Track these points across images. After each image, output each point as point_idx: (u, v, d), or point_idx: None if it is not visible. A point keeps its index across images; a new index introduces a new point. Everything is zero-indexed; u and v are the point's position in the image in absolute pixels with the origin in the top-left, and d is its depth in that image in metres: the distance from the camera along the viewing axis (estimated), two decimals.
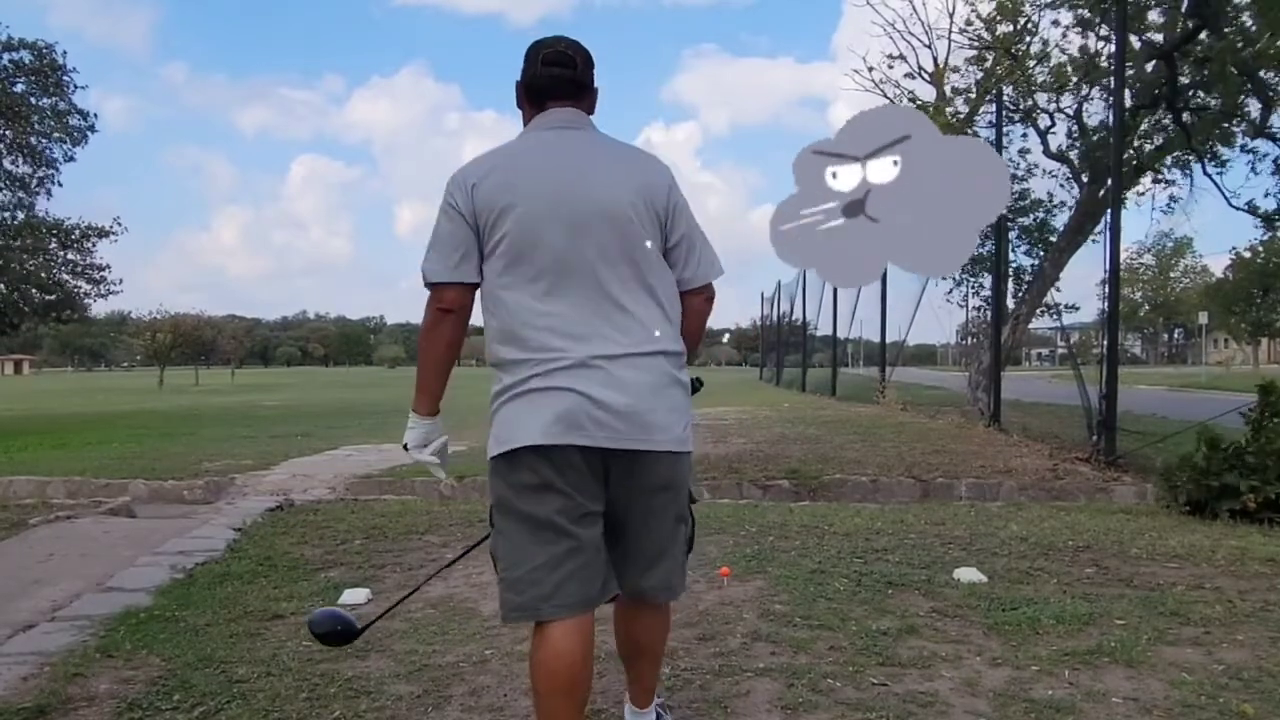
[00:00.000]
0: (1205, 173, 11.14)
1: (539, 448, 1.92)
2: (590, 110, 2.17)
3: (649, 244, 2.03)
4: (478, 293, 2.07)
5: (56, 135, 16.39)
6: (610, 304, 1.99)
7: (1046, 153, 11.66)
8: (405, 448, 2.18)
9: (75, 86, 16.32)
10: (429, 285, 2.04)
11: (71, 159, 16.79)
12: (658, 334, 2.02)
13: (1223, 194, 11.06)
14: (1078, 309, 11.28)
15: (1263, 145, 10.83)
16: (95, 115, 17.05)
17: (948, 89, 12.46)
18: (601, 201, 1.99)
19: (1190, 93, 10.33)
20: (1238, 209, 11.03)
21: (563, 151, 2.06)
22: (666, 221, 2.08)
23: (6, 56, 15.54)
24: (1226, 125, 10.67)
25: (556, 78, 2.12)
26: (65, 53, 15.99)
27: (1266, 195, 10.99)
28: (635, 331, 1.99)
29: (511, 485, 1.98)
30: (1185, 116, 10.38)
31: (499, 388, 2.02)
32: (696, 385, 2.22)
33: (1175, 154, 11.15)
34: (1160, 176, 11.70)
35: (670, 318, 2.07)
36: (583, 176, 2.01)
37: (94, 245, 17.06)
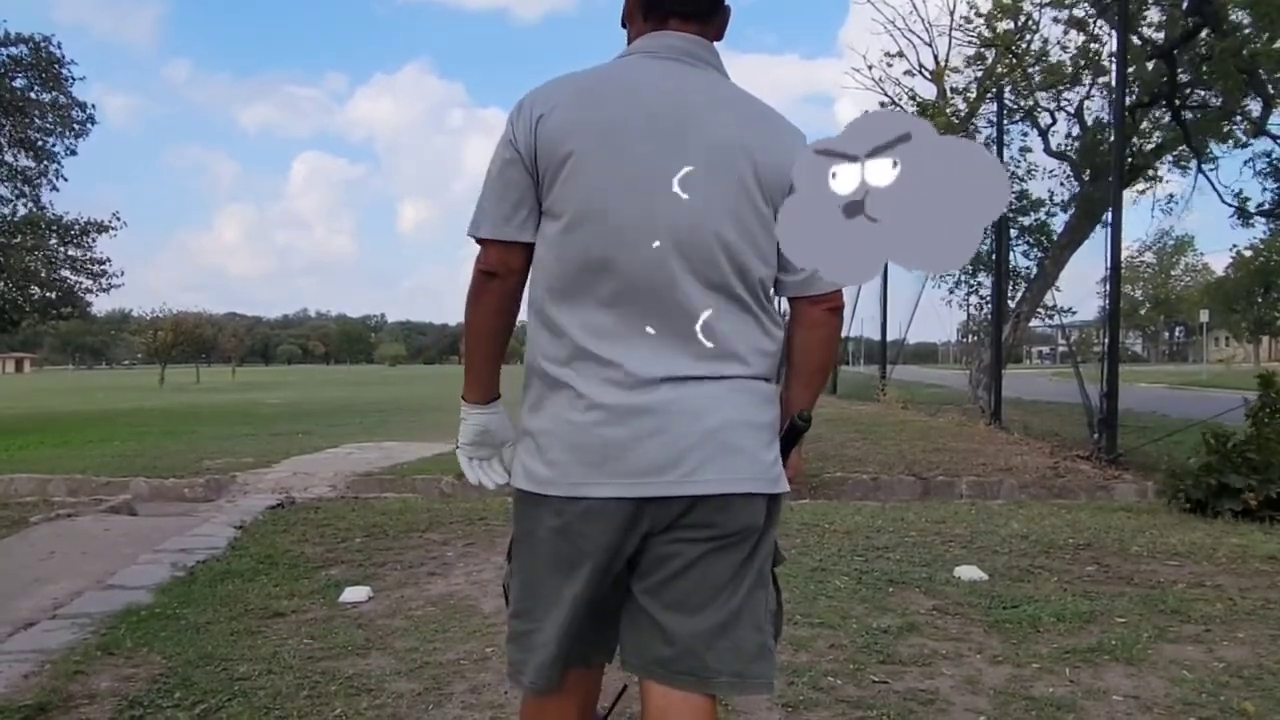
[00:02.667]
0: (1200, 170, 11.17)
1: None
2: (719, 36, 1.61)
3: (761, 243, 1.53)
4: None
5: (58, 130, 16.41)
6: None
7: (1047, 150, 11.68)
8: (457, 449, 1.71)
9: (73, 78, 16.35)
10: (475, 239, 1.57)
11: (73, 152, 16.83)
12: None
13: (1217, 192, 11.11)
14: (1075, 313, 11.33)
15: (1257, 143, 10.89)
16: (93, 106, 17.10)
17: (948, 87, 12.45)
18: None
19: (1189, 91, 10.34)
20: (1229, 205, 11.08)
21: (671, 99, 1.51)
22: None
23: (4, 52, 15.55)
24: (1226, 124, 10.69)
25: None
26: (60, 44, 16.02)
27: (1264, 191, 11.05)
28: None
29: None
30: (1184, 115, 10.39)
31: None
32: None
33: (1174, 152, 11.18)
34: (1156, 176, 11.72)
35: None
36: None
37: (94, 240, 17.09)
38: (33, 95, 16.03)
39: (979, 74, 12.15)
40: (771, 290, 1.59)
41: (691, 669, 1.54)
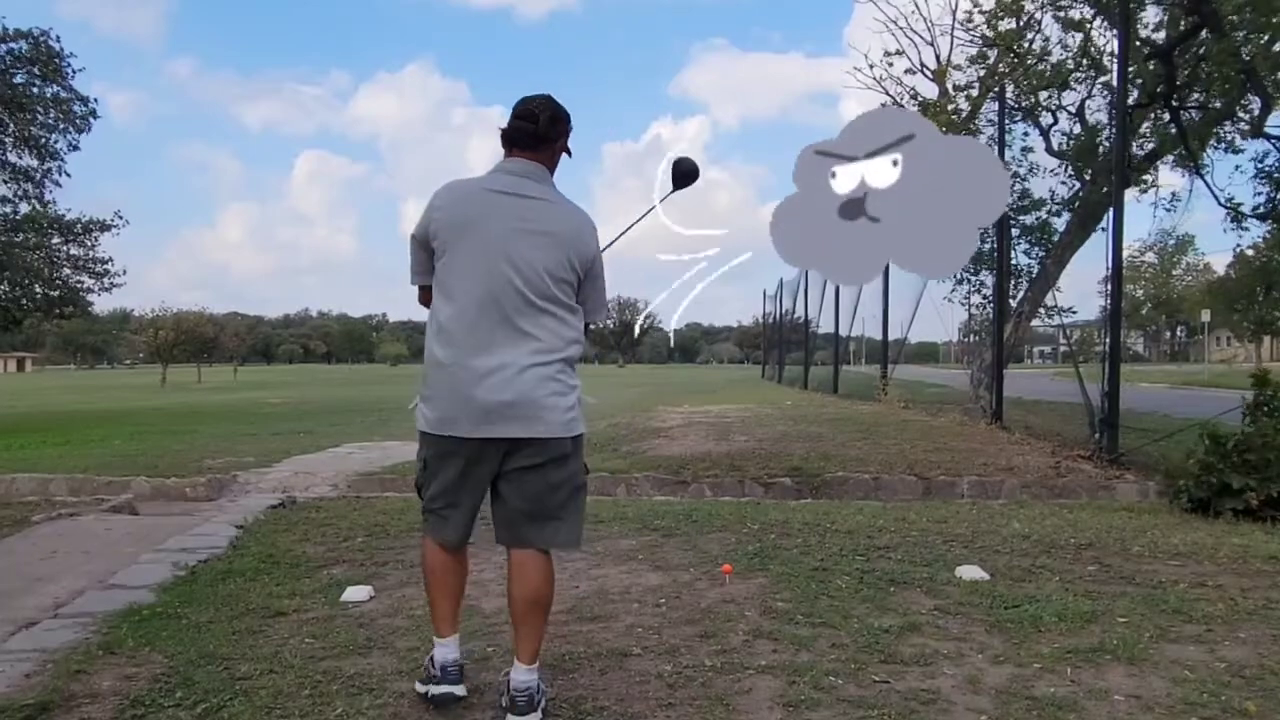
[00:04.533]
0: (1197, 173, 11.13)
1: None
2: (551, 159, 2.67)
3: (557, 287, 2.57)
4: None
5: (61, 125, 16.38)
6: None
7: (1049, 150, 11.64)
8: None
9: (74, 71, 16.31)
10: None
11: (76, 148, 16.79)
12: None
13: (1212, 193, 11.08)
14: (1075, 312, 11.27)
15: (1248, 146, 10.88)
16: (95, 100, 17.04)
17: (949, 86, 12.43)
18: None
19: (1186, 92, 10.30)
20: (1225, 207, 11.05)
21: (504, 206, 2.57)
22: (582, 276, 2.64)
23: (4, 48, 15.52)
24: (1223, 126, 10.67)
25: (520, 129, 2.61)
26: (59, 38, 15.98)
27: (1257, 194, 11.01)
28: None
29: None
30: (1182, 115, 10.37)
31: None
32: None
33: (1175, 154, 11.14)
34: (1152, 184, 11.69)
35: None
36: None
37: (96, 239, 17.08)
38: (34, 91, 15.99)
39: (981, 73, 12.12)
40: (576, 314, 2.62)
41: (531, 540, 2.61)
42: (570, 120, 2.70)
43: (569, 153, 2.73)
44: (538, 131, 2.60)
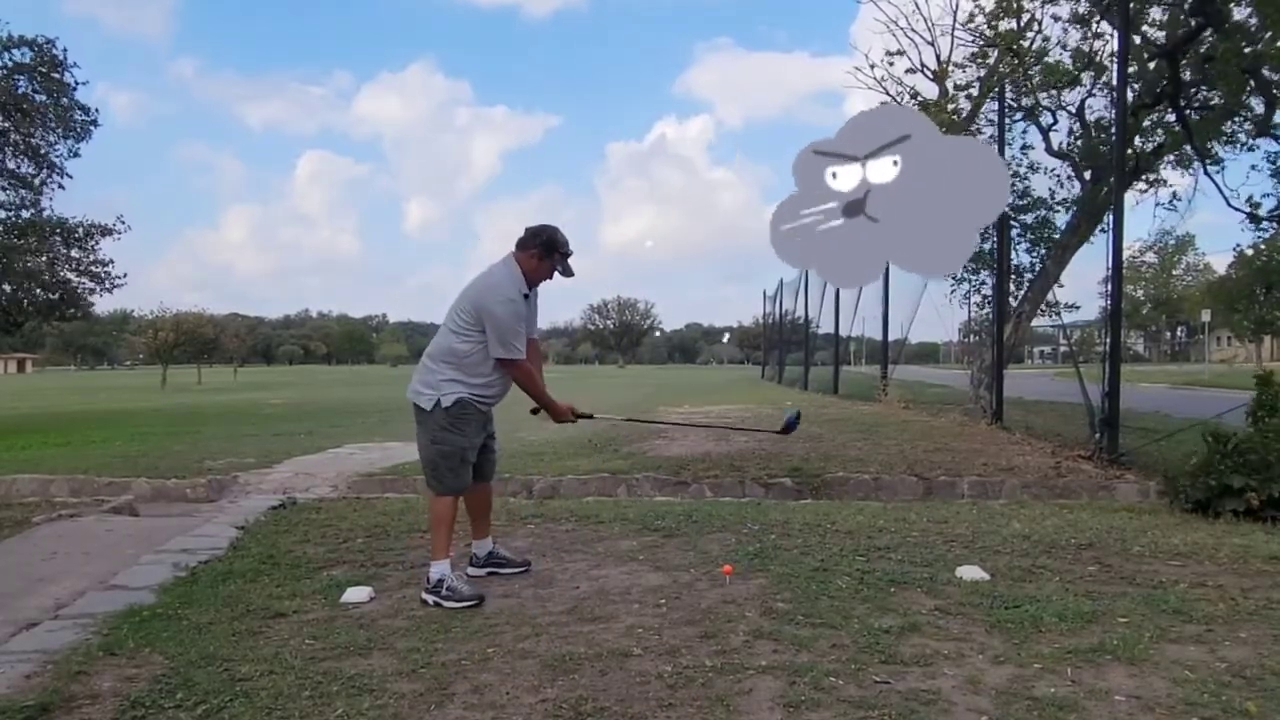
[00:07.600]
0: (1205, 173, 11.08)
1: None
2: (525, 259, 4.07)
3: (458, 321, 4.02)
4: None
5: (60, 132, 16.40)
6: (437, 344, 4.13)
7: (1049, 150, 11.62)
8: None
9: (77, 83, 16.35)
10: None
11: (76, 154, 16.81)
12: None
13: (1222, 194, 11.02)
14: (1078, 308, 11.22)
15: (1263, 144, 10.81)
16: (96, 110, 17.06)
17: (950, 86, 12.42)
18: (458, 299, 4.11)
19: (1193, 91, 10.29)
20: (1237, 209, 10.98)
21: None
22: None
23: (6, 56, 15.54)
24: (1229, 125, 10.64)
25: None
26: (65, 49, 16.00)
27: (1266, 195, 10.94)
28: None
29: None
30: (1188, 115, 10.34)
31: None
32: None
33: (1177, 153, 11.11)
34: (1158, 179, 11.65)
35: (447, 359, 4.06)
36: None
37: (97, 243, 17.09)
38: (36, 98, 16.00)
39: (981, 73, 12.11)
40: (461, 340, 4.01)
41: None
42: (550, 241, 4.03)
43: (566, 272, 4.11)
44: (520, 239, 4.13)
